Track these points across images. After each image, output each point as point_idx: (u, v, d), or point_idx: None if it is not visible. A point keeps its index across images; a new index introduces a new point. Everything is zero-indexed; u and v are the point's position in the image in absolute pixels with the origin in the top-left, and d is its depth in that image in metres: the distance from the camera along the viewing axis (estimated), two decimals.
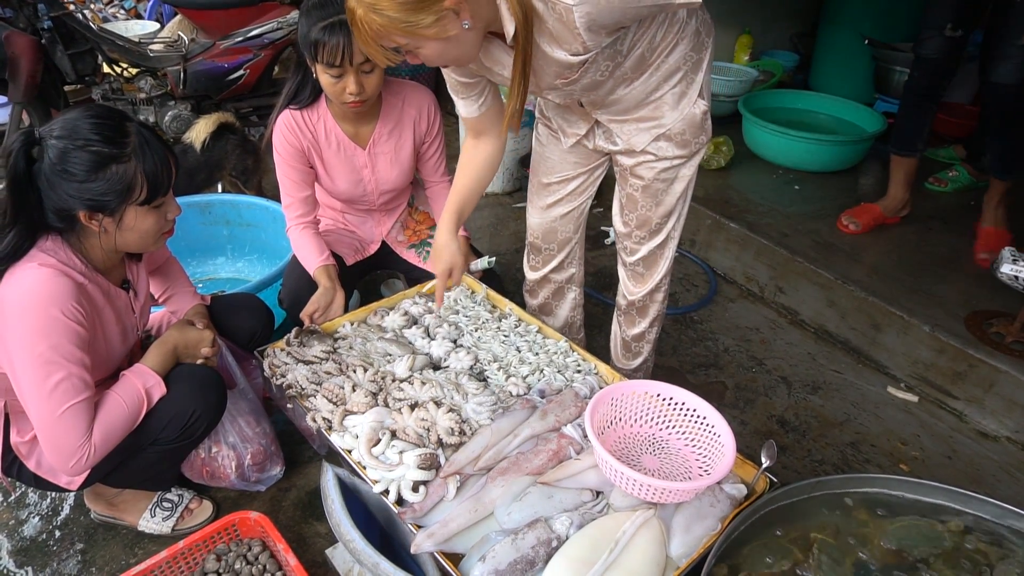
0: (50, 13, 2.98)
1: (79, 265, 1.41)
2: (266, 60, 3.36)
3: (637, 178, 1.68)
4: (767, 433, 2.21)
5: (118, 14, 5.11)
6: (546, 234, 1.96)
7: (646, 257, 1.80)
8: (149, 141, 1.38)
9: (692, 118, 1.56)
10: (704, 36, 1.52)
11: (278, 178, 2.02)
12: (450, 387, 1.58)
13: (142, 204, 1.39)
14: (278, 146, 1.96)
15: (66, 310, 1.33)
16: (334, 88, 1.80)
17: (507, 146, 3.44)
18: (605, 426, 1.44)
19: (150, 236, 1.46)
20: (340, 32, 1.69)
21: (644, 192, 1.69)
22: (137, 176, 1.35)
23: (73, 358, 1.35)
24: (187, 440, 1.59)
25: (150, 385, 1.50)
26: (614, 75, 1.45)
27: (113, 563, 1.73)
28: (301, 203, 2.02)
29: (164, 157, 1.40)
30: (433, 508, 1.33)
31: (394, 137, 2.04)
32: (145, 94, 3.27)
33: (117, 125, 1.35)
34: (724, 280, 3.00)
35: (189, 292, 1.84)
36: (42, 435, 1.37)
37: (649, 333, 1.97)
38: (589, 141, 1.73)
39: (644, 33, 1.41)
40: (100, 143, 1.31)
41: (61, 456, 1.37)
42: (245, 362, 1.87)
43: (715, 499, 1.31)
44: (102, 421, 1.40)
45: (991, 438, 2.22)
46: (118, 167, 1.33)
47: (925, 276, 2.62)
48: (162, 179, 1.40)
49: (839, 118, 3.71)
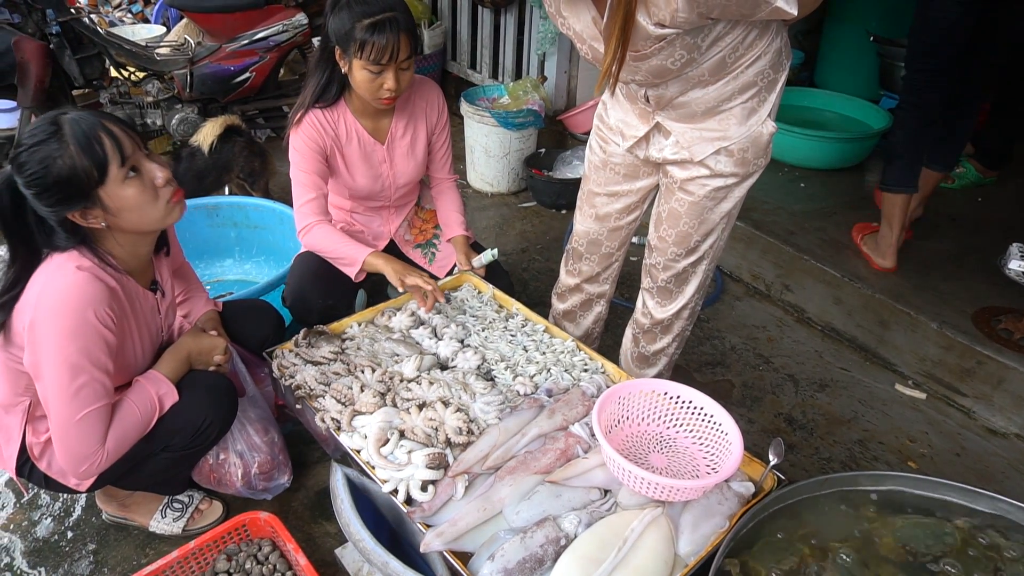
0: (58, 18, 3.00)
1: (110, 268, 1.42)
2: (272, 62, 3.38)
3: (686, 193, 1.62)
4: (774, 431, 2.21)
5: (125, 18, 5.14)
6: (590, 244, 1.91)
7: (679, 274, 1.74)
8: (80, 122, 1.33)
9: (758, 137, 1.51)
10: (784, 58, 1.48)
11: (295, 178, 1.96)
12: (458, 387, 1.58)
13: (102, 183, 1.34)
14: (300, 145, 1.92)
15: (99, 315, 1.34)
16: (371, 85, 1.79)
17: (512, 146, 3.50)
18: (612, 425, 1.44)
19: (148, 206, 1.41)
20: (389, 30, 1.69)
21: (690, 208, 1.63)
22: (81, 160, 1.32)
23: (99, 364, 1.36)
24: (198, 447, 1.59)
25: (163, 392, 1.51)
26: (685, 72, 1.41)
27: (125, 563, 1.75)
28: (319, 202, 1.97)
29: (103, 130, 1.34)
30: (442, 507, 1.34)
31: (409, 130, 2.05)
32: (152, 97, 3.29)
33: (49, 123, 1.33)
34: (730, 278, 3.00)
35: (203, 297, 1.85)
36: (57, 437, 1.38)
37: (670, 348, 1.92)
38: (642, 149, 1.67)
39: (730, 36, 1.37)
40: (39, 146, 1.30)
41: (74, 460, 1.38)
42: (256, 369, 1.87)
43: (723, 497, 1.31)
44: (116, 428, 1.42)
45: (1000, 435, 2.21)
46: (62, 160, 1.31)
47: (932, 273, 2.61)
48: (103, 153, 1.33)
49: (844, 115, 3.70)
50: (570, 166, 3.53)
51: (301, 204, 1.96)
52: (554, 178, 3.52)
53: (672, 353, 1.95)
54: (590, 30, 1.42)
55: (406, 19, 1.75)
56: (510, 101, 3.59)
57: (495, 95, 3.70)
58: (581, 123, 3.77)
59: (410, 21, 1.77)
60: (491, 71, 4.26)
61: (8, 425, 1.51)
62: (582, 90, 3.90)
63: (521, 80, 3.70)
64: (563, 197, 3.45)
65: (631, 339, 1.99)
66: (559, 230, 3.34)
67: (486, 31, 4.16)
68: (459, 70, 4.51)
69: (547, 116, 3.60)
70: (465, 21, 4.31)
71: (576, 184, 2.38)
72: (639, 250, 2.17)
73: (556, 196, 3.48)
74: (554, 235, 3.31)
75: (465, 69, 4.44)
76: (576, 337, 1.81)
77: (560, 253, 2.12)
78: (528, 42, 3.94)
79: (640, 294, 1.90)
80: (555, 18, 1.48)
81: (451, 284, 2.03)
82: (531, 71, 3.98)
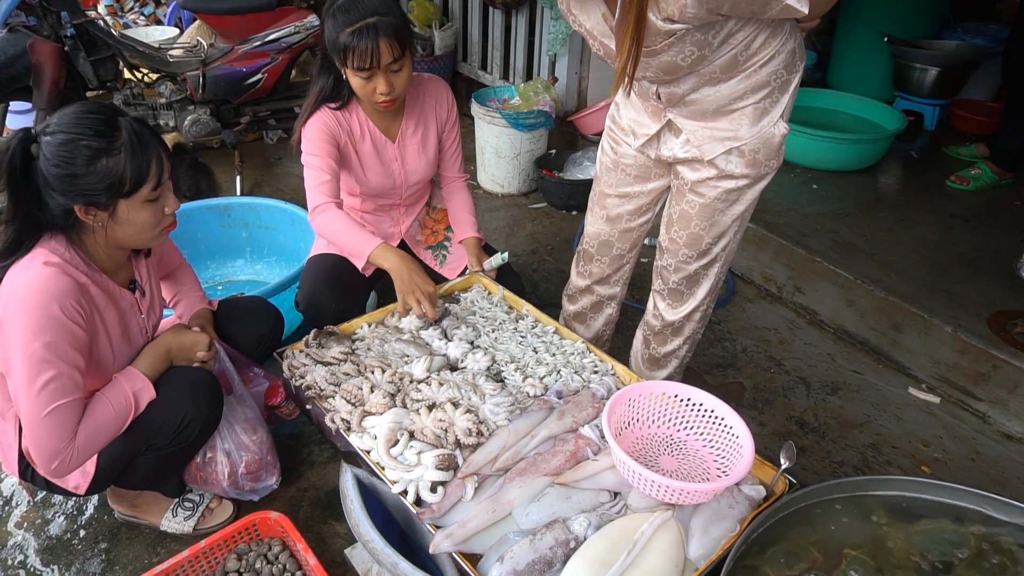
0: (73, 21, 3.03)
1: (82, 264, 1.42)
2: (284, 64, 3.39)
3: (696, 195, 1.61)
4: (786, 434, 2.19)
5: (138, 20, 5.18)
6: (600, 245, 1.91)
7: (690, 276, 1.74)
8: (139, 134, 1.36)
9: (770, 139, 1.50)
10: (798, 59, 1.47)
11: (307, 162, 1.91)
12: (467, 388, 1.58)
13: (129, 196, 1.37)
14: (313, 133, 1.90)
15: (66, 309, 1.33)
16: (365, 89, 1.82)
17: (523, 147, 3.50)
18: (622, 427, 1.43)
19: (147, 230, 1.44)
20: (368, 35, 1.71)
21: (701, 211, 1.62)
22: (126, 169, 1.34)
23: (66, 358, 1.34)
24: (181, 445, 1.57)
25: (138, 388, 1.49)
26: (697, 69, 1.40)
27: (136, 562, 1.76)
28: (332, 184, 1.91)
29: (155, 150, 1.38)
30: (451, 508, 1.34)
31: (420, 128, 2.07)
32: (165, 99, 3.32)
33: (108, 120, 1.35)
34: (742, 280, 2.99)
35: (197, 296, 1.84)
36: (28, 433, 1.36)
37: (680, 350, 1.90)
38: (653, 148, 1.66)
39: (741, 33, 1.36)
40: (91, 137, 1.31)
41: (43, 456, 1.36)
42: (247, 369, 1.84)
43: (734, 500, 1.30)
44: (87, 424, 1.40)
45: (1015, 440, 2.19)
46: (108, 160, 1.32)
47: (947, 276, 2.58)
48: (148, 171, 1.37)
49: (858, 116, 3.68)
50: (581, 167, 3.53)
51: (314, 186, 1.90)
52: (565, 179, 3.52)
53: (683, 356, 1.93)
54: (600, 27, 1.42)
55: (389, 22, 1.73)
56: (521, 102, 3.59)
57: (506, 96, 3.71)
58: (592, 124, 3.76)
59: (395, 24, 1.75)
60: (502, 72, 4.26)
61: (5, 430, 1.52)
62: (593, 91, 3.90)
63: (532, 81, 3.70)
64: (574, 198, 3.44)
65: (641, 341, 1.98)
66: (570, 231, 3.34)
67: (497, 32, 4.17)
68: (470, 71, 4.51)
69: (558, 117, 3.59)
70: (476, 22, 4.31)
71: (587, 185, 2.37)
72: (650, 251, 2.18)
73: (567, 197, 3.48)
74: (564, 236, 3.30)
75: (476, 70, 4.45)
76: (586, 339, 1.81)
77: (570, 254, 2.11)
78: (539, 43, 3.94)
79: (651, 296, 1.89)
80: (567, 15, 1.49)
81: (461, 285, 2.03)
82: (542, 72, 3.98)
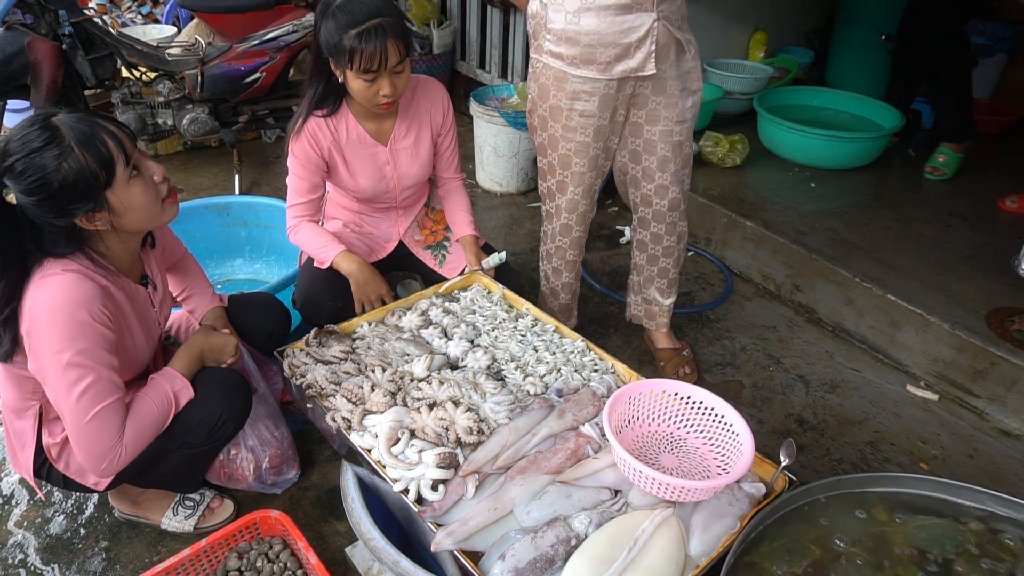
0: (71, 19, 3.02)
1: (100, 269, 1.42)
2: (282, 62, 3.38)
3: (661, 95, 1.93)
4: (785, 432, 2.20)
5: (136, 19, 5.16)
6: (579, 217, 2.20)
7: (660, 159, 2.03)
8: (79, 122, 1.31)
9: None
10: None
11: (290, 181, 1.99)
12: (468, 387, 1.58)
13: (111, 184, 1.33)
14: (298, 152, 1.94)
15: (94, 313, 1.34)
16: (367, 92, 1.78)
17: (522, 146, 3.50)
18: (623, 425, 1.44)
19: (150, 205, 1.41)
20: (376, 37, 1.67)
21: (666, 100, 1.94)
22: (88, 161, 1.29)
23: (102, 361, 1.36)
24: (215, 443, 1.61)
25: (178, 388, 1.52)
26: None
27: (137, 561, 1.76)
28: (309, 205, 2.02)
29: (101, 129, 1.32)
30: (452, 507, 1.34)
31: (413, 131, 2.04)
32: (163, 97, 3.31)
33: (44, 125, 1.29)
34: (740, 278, 2.99)
35: (208, 292, 1.85)
36: (74, 438, 1.38)
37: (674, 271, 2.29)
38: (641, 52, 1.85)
39: None
40: (39, 149, 1.26)
41: (93, 458, 1.39)
42: (265, 367, 1.88)
43: (734, 498, 1.30)
44: (133, 423, 1.42)
45: (1013, 436, 2.20)
46: (68, 161, 1.27)
47: (945, 273, 2.59)
48: (109, 152, 1.31)
49: (856, 114, 3.68)
50: None
51: (290, 205, 2.02)
52: None
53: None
54: None
55: (394, 23, 1.71)
56: (519, 101, 3.59)
57: (504, 95, 3.70)
58: None
59: (398, 24, 1.73)
60: (500, 71, 4.26)
61: (21, 429, 1.52)
62: None
63: None
64: None
65: (635, 296, 2.33)
66: None
67: (495, 31, 4.16)
68: (468, 70, 4.51)
69: None
70: (474, 21, 4.31)
71: None
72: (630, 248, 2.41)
73: None
74: None
75: (474, 69, 4.44)
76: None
77: None
78: None
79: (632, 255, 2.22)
80: None
81: (460, 284, 2.03)
82: None
